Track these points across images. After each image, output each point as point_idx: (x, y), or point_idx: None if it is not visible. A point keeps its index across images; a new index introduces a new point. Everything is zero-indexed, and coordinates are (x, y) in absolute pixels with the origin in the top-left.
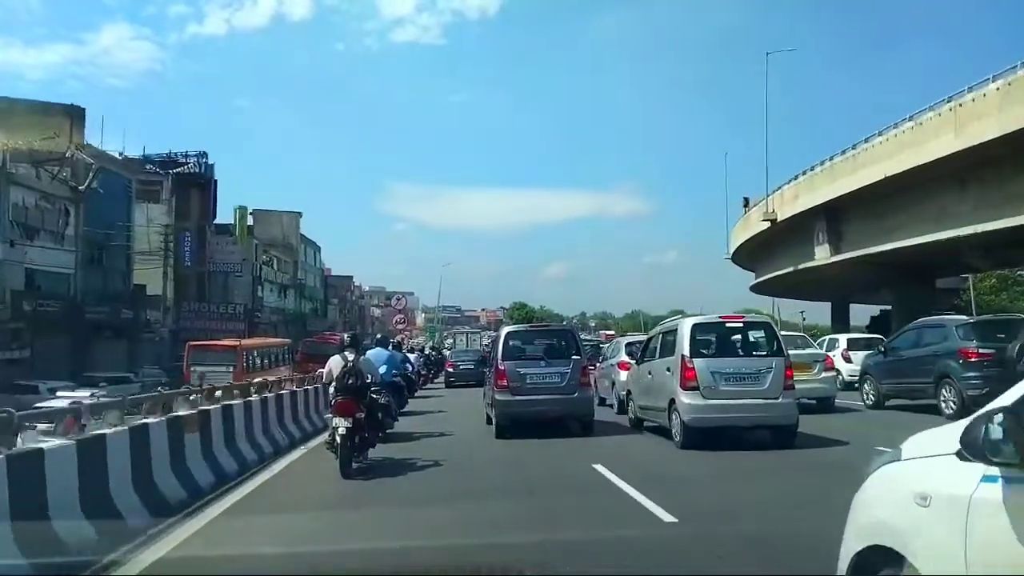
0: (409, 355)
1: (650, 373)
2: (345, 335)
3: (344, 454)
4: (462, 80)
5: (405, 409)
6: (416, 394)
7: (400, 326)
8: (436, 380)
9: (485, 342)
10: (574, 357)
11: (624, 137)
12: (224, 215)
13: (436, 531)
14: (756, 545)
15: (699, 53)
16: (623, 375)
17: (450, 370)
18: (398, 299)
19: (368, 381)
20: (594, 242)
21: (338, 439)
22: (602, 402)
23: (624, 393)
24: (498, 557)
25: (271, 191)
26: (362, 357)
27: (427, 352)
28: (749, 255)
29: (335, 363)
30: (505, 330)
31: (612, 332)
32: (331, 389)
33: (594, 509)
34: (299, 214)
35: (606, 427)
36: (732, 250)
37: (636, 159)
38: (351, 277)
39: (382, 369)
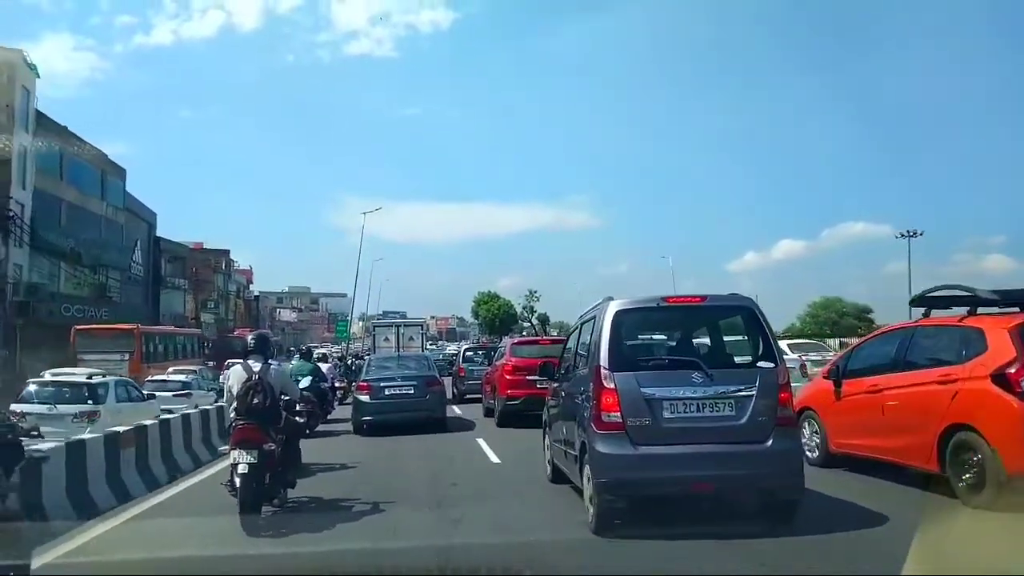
0: (321, 365)
1: None
2: (249, 336)
3: (247, 499)
4: (415, 94)
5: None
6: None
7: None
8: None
9: (450, 350)
10: (762, 365)
11: (577, 151)
12: None
13: None
14: None
15: (654, 68)
16: None
17: (364, 398)
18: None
19: (284, 399)
20: (548, 254)
21: (238, 480)
22: None
23: None
24: None
25: (218, 203)
26: (273, 366)
27: (345, 359)
28: None
29: (235, 376)
30: (612, 308)
31: None
32: (230, 411)
33: None
34: (21, 56)
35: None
36: None
37: (589, 173)
38: (227, 252)
39: (304, 383)
